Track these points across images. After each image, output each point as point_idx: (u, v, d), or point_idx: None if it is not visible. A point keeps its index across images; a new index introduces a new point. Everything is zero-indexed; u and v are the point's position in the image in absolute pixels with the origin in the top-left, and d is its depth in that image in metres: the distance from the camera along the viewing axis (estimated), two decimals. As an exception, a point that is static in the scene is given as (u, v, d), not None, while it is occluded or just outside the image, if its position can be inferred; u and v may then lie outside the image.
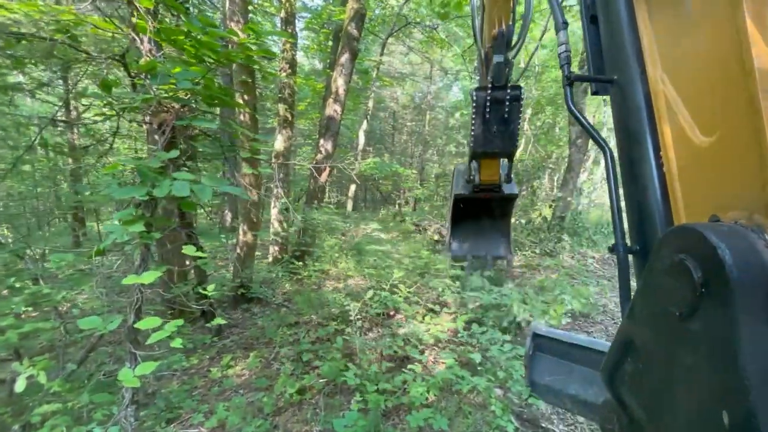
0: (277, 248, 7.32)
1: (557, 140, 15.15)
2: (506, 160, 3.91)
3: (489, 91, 3.23)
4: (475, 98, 3.31)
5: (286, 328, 4.94)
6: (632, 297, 0.81)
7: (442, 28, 13.31)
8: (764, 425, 0.47)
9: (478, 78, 3.97)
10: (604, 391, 1.62)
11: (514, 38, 2.97)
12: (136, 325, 1.97)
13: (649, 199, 0.90)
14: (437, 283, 5.16)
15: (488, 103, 3.27)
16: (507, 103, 3.26)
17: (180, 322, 2.05)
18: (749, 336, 0.51)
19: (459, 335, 3.99)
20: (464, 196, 4.51)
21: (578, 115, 1.10)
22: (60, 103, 5.66)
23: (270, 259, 7.49)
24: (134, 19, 2.27)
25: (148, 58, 2.19)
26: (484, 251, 5.33)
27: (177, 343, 1.96)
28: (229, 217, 12.20)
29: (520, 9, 2.82)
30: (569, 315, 5.33)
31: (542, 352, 1.80)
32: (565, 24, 1.16)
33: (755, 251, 0.55)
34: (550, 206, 10.69)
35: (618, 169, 1.01)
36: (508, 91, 3.22)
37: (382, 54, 13.06)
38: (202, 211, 4.09)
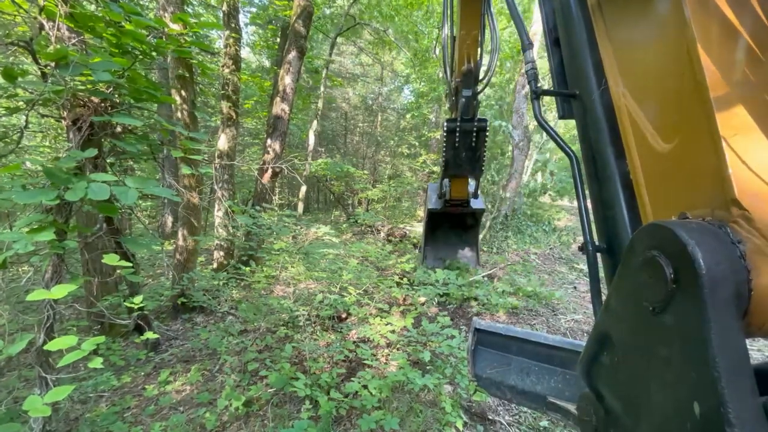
0: (222, 253, 6.95)
1: (502, 143, 15.86)
2: (474, 179, 4.44)
3: (458, 123, 3.60)
4: (446, 129, 3.70)
5: (231, 338, 4.68)
6: (607, 292, 0.84)
7: (392, 31, 13.44)
8: (732, 415, 0.49)
9: (447, 106, 4.39)
10: (540, 381, 1.70)
11: (482, 73, 3.31)
12: (45, 347, 1.74)
13: (613, 201, 0.96)
14: (387, 282, 5.17)
15: (458, 134, 3.66)
16: (474, 133, 3.68)
17: (101, 339, 1.84)
18: (718, 329, 0.53)
19: (408, 333, 4.02)
20: (437, 211, 4.99)
21: (546, 125, 1.18)
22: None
23: (215, 265, 7.09)
24: (41, 1, 2.01)
25: (57, 46, 1.95)
26: (455, 258, 5.91)
27: (96, 363, 1.75)
28: (170, 221, 11.41)
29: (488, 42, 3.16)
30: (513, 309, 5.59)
31: (484, 346, 1.85)
32: (530, 44, 1.28)
33: (723, 247, 0.58)
34: (498, 206, 11.18)
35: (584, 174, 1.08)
36: (475, 123, 3.64)
37: (331, 54, 12.88)
38: (138, 215, 3.76)
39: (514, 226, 10.74)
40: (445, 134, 3.78)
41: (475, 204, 4.92)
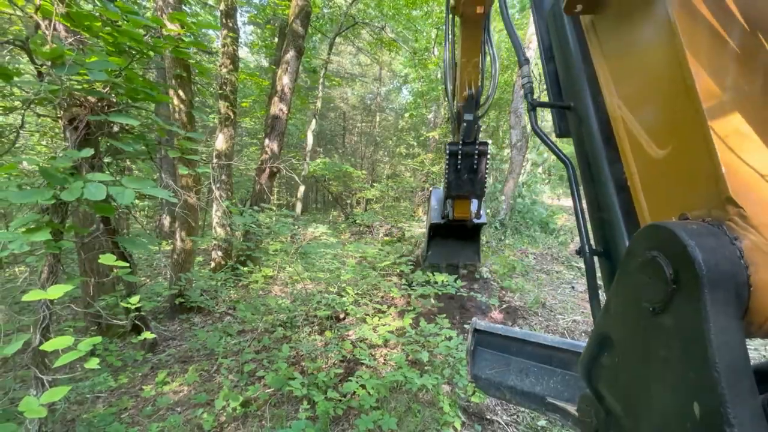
0: (220, 254, 6.94)
1: (500, 142, 15.86)
2: (476, 200, 4.51)
3: (460, 146, 3.79)
4: (448, 152, 3.87)
5: (229, 338, 4.67)
6: (607, 293, 0.85)
7: (390, 30, 13.44)
8: (732, 415, 0.49)
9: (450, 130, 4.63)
10: (540, 382, 1.70)
11: (483, 98, 3.46)
12: (41, 347, 1.74)
13: (608, 205, 1.00)
14: (384, 283, 5.17)
15: (460, 156, 3.84)
16: (476, 156, 3.85)
17: (97, 339, 1.83)
18: (718, 329, 0.53)
19: (407, 333, 4.02)
20: (439, 224, 5.19)
21: (542, 134, 1.28)
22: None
23: (213, 265, 7.08)
24: (37, 0, 2.00)
25: (52, 45, 1.94)
26: (457, 259, 6.11)
27: (92, 363, 1.74)
28: (167, 221, 11.38)
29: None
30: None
31: (483, 347, 1.85)
32: (527, 61, 1.36)
33: (723, 248, 0.58)
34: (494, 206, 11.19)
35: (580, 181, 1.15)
36: (477, 146, 3.81)
37: (329, 53, 12.87)
38: (136, 215, 3.75)
39: (511, 227, 10.75)
40: (447, 157, 3.92)
41: (477, 220, 5.09)
